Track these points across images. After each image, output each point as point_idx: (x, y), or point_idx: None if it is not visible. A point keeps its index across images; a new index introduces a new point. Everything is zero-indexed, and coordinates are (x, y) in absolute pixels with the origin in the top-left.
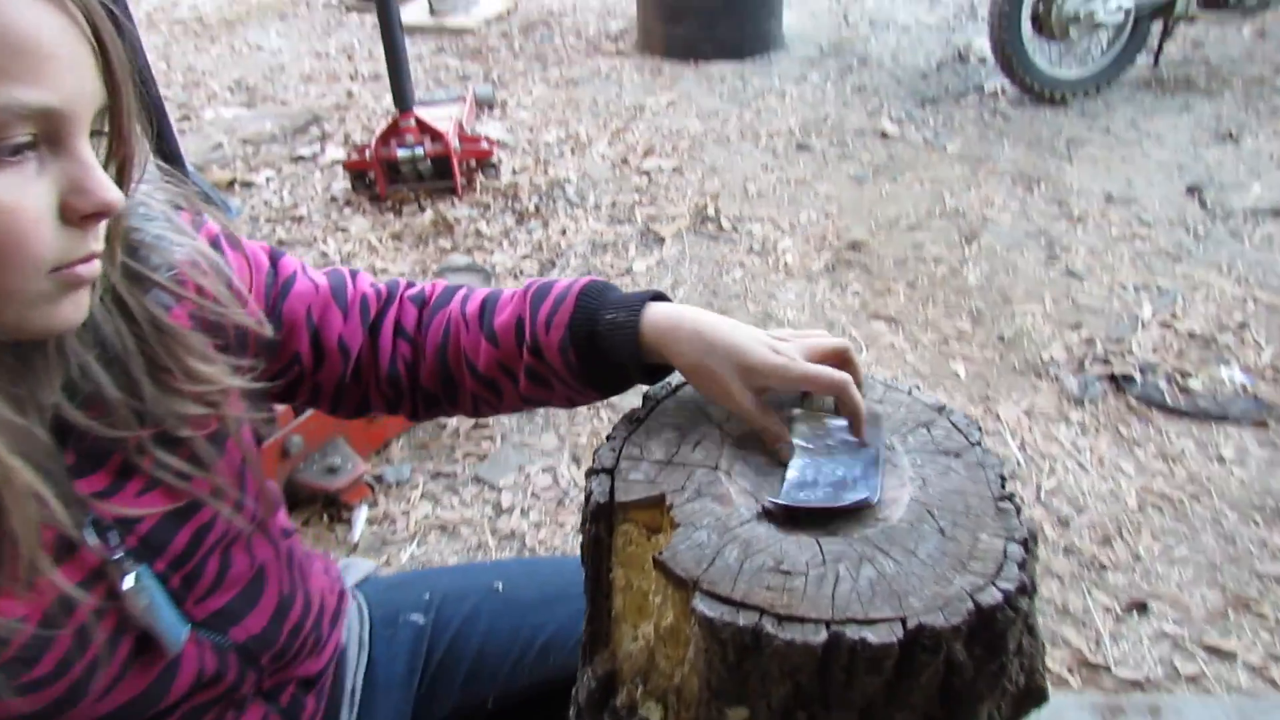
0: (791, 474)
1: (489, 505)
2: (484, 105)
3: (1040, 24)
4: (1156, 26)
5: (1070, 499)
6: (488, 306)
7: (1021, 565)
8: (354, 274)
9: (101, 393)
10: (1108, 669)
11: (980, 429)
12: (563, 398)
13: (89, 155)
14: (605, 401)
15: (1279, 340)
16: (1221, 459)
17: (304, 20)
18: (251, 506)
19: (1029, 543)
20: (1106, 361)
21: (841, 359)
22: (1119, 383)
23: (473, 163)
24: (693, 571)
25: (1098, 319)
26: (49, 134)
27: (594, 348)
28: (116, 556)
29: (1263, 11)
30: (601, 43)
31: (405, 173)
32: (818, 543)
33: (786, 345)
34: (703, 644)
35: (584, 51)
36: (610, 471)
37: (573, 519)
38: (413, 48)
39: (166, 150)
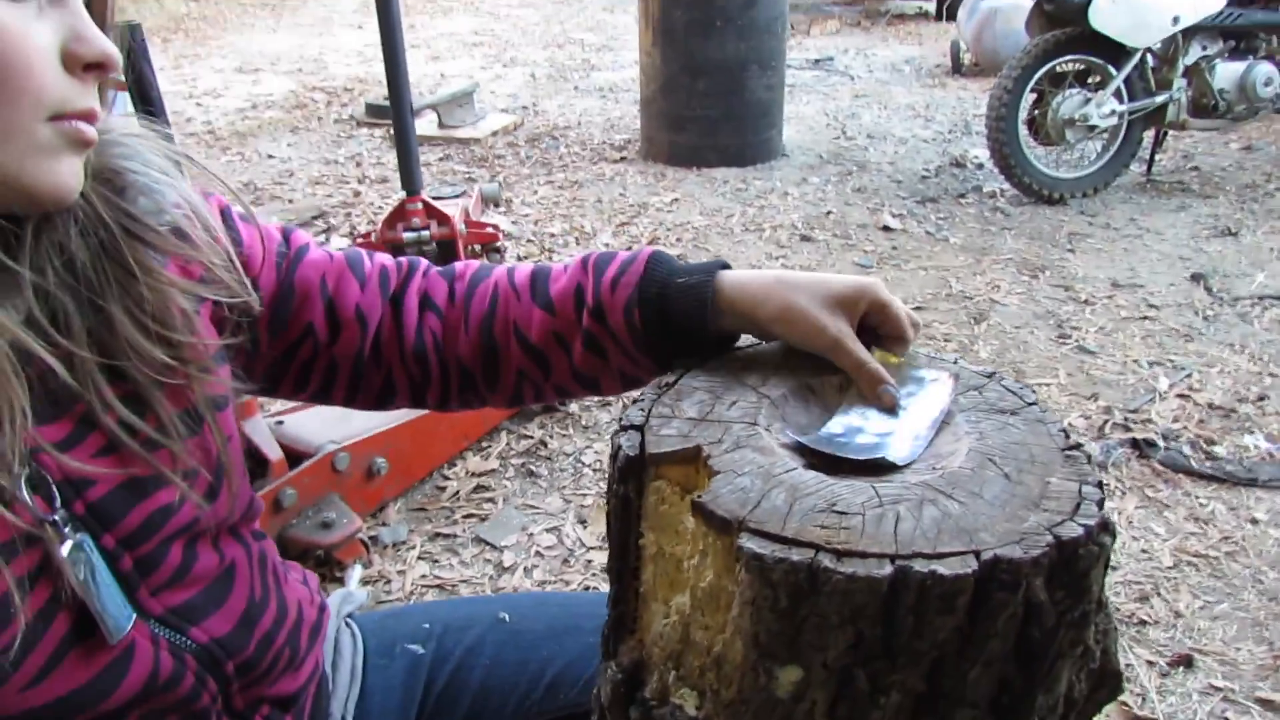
0: (835, 425)
1: (490, 565)
2: (490, 202)
3: (1036, 128)
4: (1149, 135)
5: None
6: (540, 276)
7: (1099, 505)
8: (371, 253)
9: (69, 327)
10: None
11: (1035, 392)
12: (615, 373)
13: (85, 11)
14: None
15: None
16: (1255, 520)
17: (315, 133)
18: (226, 502)
19: (1103, 486)
20: (1127, 429)
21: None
22: (1141, 448)
23: (478, 248)
24: (737, 513)
25: (1114, 391)
26: None
27: (663, 309)
28: (54, 518)
29: (1249, 120)
30: (606, 151)
31: (411, 255)
32: (873, 487)
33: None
34: (750, 593)
35: (589, 159)
36: (640, 428)
37: (579, 578)
38: (421, 155)
39: None
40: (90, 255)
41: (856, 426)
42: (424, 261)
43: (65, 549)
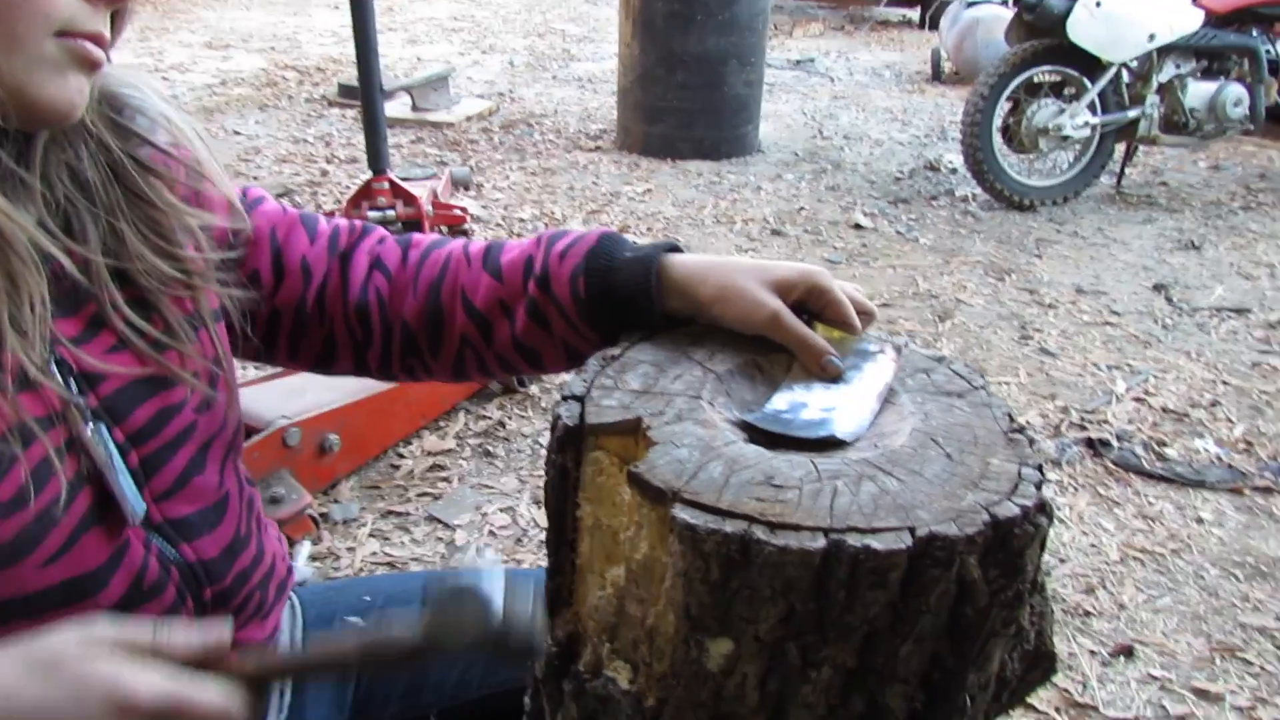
0: (779, 401)
1: (442, 543)
2: (460, 185)
3: (1010, 136)
4: (1120, 148)
5: (1051, 550)
6: (494, 247)
7: (1038, 487)
8: (329, 217)
9: (81, 235)
10: (1096, 709)
11: (983, 375)
12: (558, 345)
13: None
14: None
15: (1249, 419)
16: (1200, 520)
17: (284, 112)
18: (222, 413)
19: (1044, 470)
20: (1083, 428)
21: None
22: (1095, 447)
23: (445, 230)
24: (673, 483)
25: (1072, 392)
26: None
27: (607, 282)
28: (80, 400)
29: (1218, 139)
30: (581, 140)
31: None
32: (812, 462)
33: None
34: (682, 565)
35: (563, 147)
36: (581, 399)
37: (531, 557)
38: (392, 137)
39: None
40: (100, 178)
41: (800, 402)
42: (381, 229)
43: (88, 430)
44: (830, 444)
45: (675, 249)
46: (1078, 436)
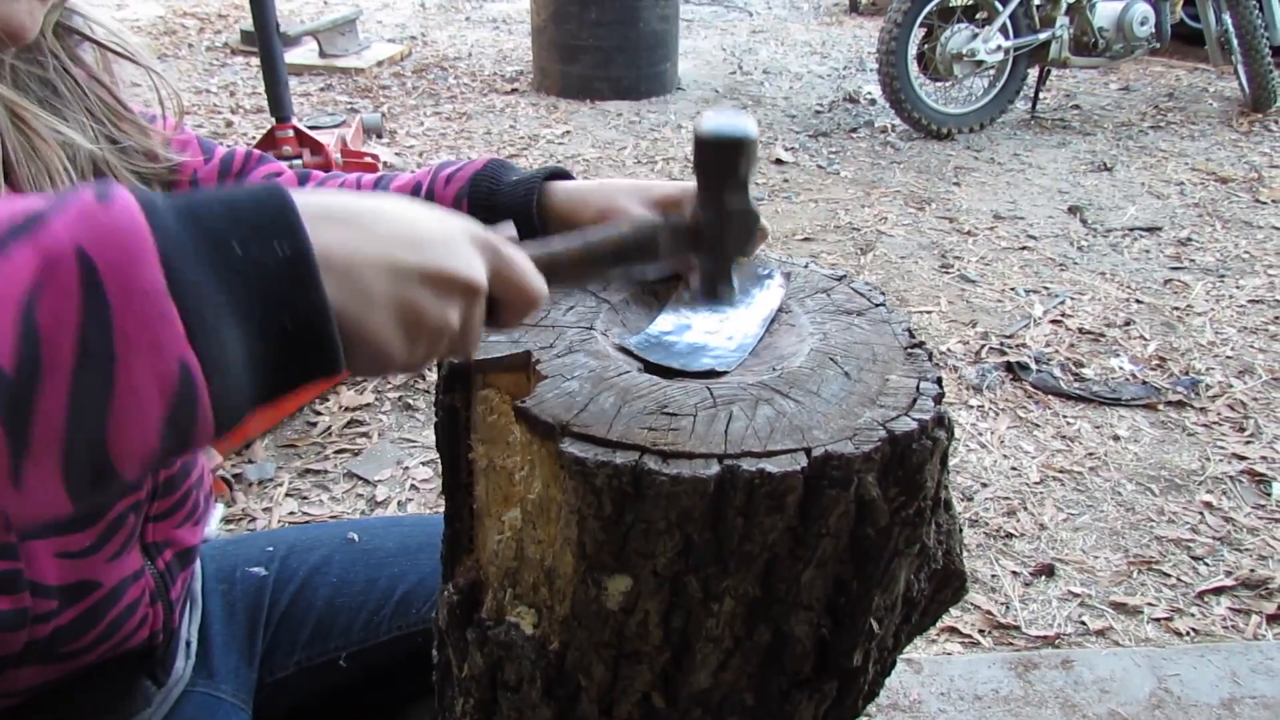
0: (663, 322)
1: (363, 500)
2: (371, 132)
3: (925, 63)
4: (1033, 74)
5: (974, 475)
6: (386, 178)
7: (937, 400)
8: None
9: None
10: (1019, 629)
11: (884, 294)
12: None
13: None
14: None
15: (1162, 336)
16: (1117, 437)
17: (185, 61)
18: None
19: (941, 383)
20: (1002, 353)
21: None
22: (1015, 371)
23: None
24: (561, 417)
25: (991, 317)
26: None
27: (490, 206)
28: None
29: (1126, 58)
30: (497, 83)
31: None
32: (707, 388)
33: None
34: (574, 501)
35: (479, 90)
36: None
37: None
38: (299, 85)
39: None
40: (66, 86)
41: (684, 324)
42: (280, 163)
43: None
44: (710, 375)
45: (562, 175)
46: (998, 361)
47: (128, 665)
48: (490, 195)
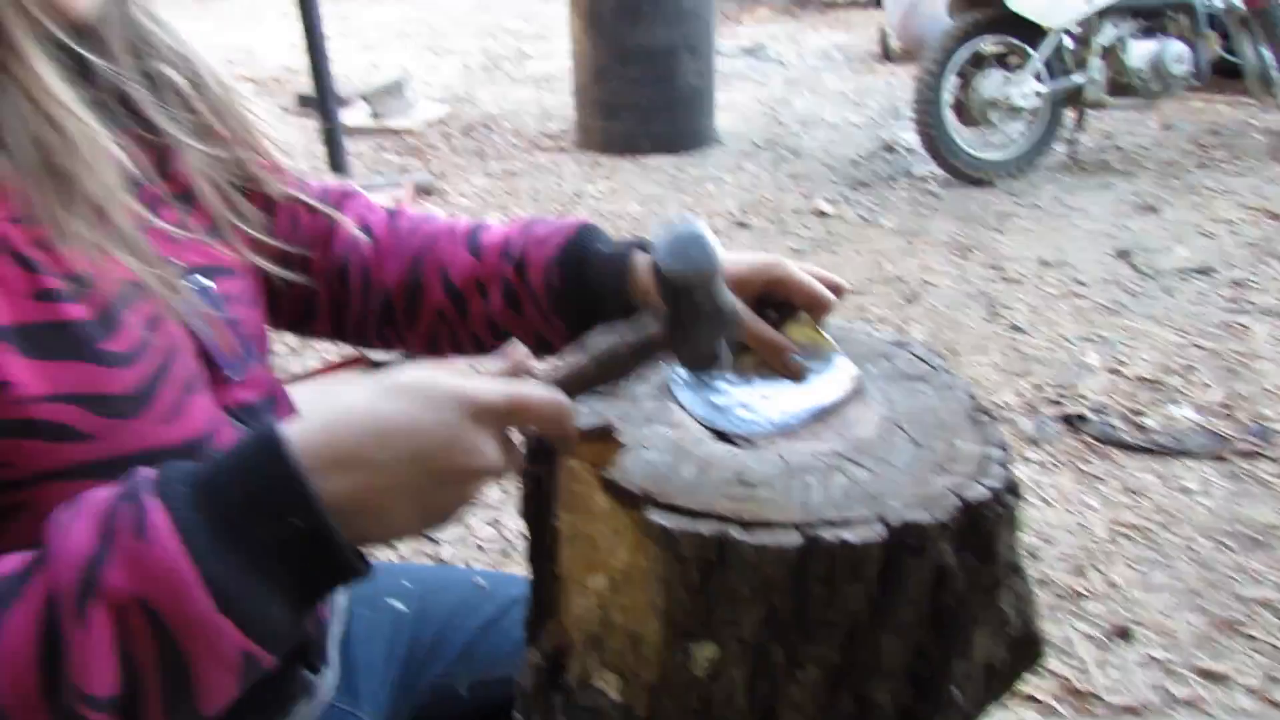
0: (719, 395)
1: (427, 558)
2: (423, 192)
3: (961, 111)
4: (1071, 115)
5: (1039, 532)
6: (479, 227)
7: (1004, 466)
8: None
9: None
10: (1098, 697)
11: (943, 357)
12: (529, 332)
13: None
14: None
15: (1225, 382)
16: (1186, 490)
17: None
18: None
19: (1008, 449)
20: (1059, 404)
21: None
22: (1073, 423)
23: None
24: (645, 487)
25: (1045, 368)
26: None
27: (581, 274)
28: (173, 259)
29: (1164, 97)
30: (541, 140)
31: None
32: (781, 456)
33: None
34: (661, 569)
35: (524, 148)
36: None
37: (518, 569)
38: (353, 146)
39: None
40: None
41: (729, 394)
42: (369, 198)
43: (187, 288)
44: (730, 439)
45: (644, 246)
46: (1054, 413)
47: None
48: (581, 265)
